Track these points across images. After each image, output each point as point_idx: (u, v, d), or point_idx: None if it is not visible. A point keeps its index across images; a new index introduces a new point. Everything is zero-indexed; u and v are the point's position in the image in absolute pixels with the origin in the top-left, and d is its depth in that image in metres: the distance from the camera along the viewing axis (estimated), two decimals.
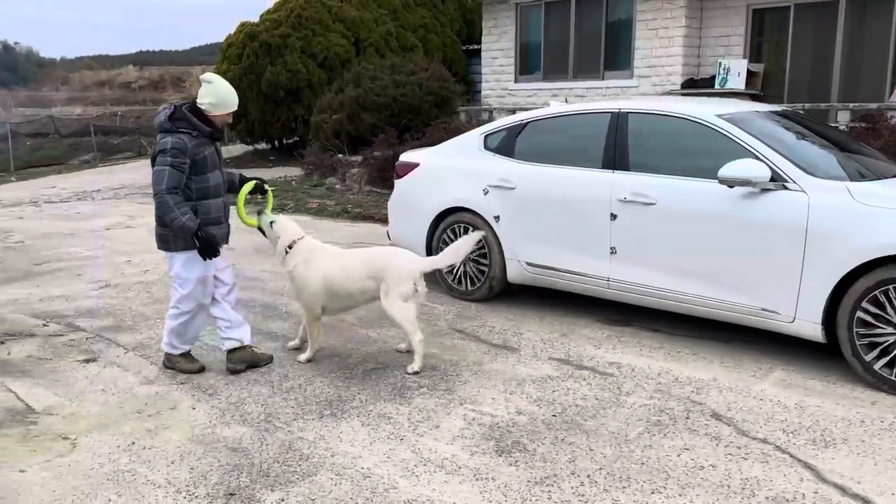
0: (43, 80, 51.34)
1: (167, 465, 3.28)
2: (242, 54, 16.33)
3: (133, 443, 3.50)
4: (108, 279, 6.71)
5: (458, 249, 4.37)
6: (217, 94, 4.15)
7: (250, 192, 4.46)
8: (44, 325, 5.38)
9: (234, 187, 4.48)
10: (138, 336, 5.00)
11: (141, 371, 4.42)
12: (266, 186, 4.58)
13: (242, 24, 16.93)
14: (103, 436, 3.57)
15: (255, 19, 16.98)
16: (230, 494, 3.04)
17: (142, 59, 61.09)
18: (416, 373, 4.26)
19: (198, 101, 4.18)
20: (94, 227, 9.75)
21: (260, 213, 4.56)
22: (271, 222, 4.51)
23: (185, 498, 3.02)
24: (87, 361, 4.58)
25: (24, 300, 6.08)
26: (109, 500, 3.01)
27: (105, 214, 11.01)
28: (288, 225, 4.52)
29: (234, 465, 3.27)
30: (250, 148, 18.66)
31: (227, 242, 4.37)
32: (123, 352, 4.74)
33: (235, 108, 4.24)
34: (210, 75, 4.25)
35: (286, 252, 4.45)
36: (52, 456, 3.38)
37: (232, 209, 4.44)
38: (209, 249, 4.08)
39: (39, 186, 15.88)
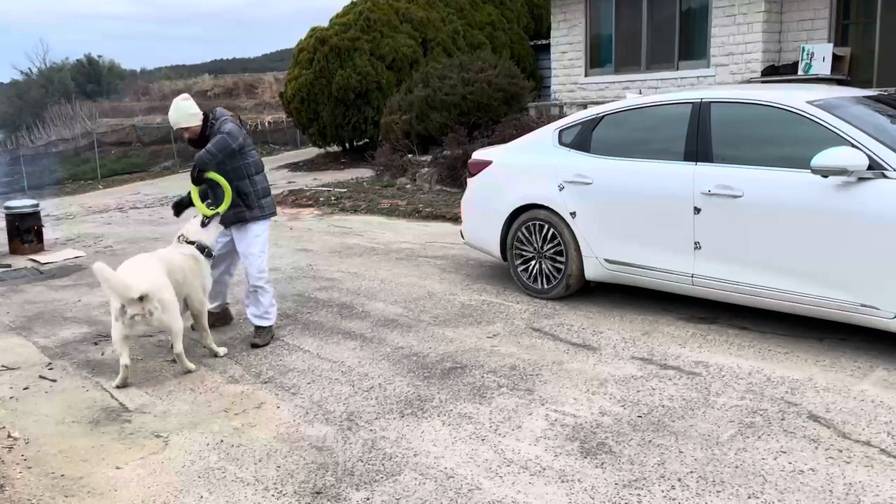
0: (124, 91, 53.50)
1: (255, 463, 3.34)
2: (313, 59, 16.62)
3: (222, 441, 3.58)
4: None
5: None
6: (170, 116, 4.95)
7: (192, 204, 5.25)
8: None
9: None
10: (222, 336, 5.12)
11: (226, 371, 4.53)
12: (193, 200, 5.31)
13: (313, 29, 17.23)
14: (193, 434, 3.67)
15: (325, 24, 17.26)
16: (316, 493, 3.07)
17: (216, 68, 62.94)
18: (116, 387, 4.30)
19: None
20: (177, 232, 10.04)
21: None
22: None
23: (273, 496, 3.06)
24: (175, 361, 4.71)
25: None
26: (201, 496, 3.09)
27: (188, 219, 11.34)
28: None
29: (319, 463, 3.30)
30: (322, 151, 18.99)
31: (224, 227, 5.23)
32: (208, 351, 4.86)
33: (177, 126, 4.91)
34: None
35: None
36: (146, 453, 3.49)
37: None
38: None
39: (125, 193, 16.59)
